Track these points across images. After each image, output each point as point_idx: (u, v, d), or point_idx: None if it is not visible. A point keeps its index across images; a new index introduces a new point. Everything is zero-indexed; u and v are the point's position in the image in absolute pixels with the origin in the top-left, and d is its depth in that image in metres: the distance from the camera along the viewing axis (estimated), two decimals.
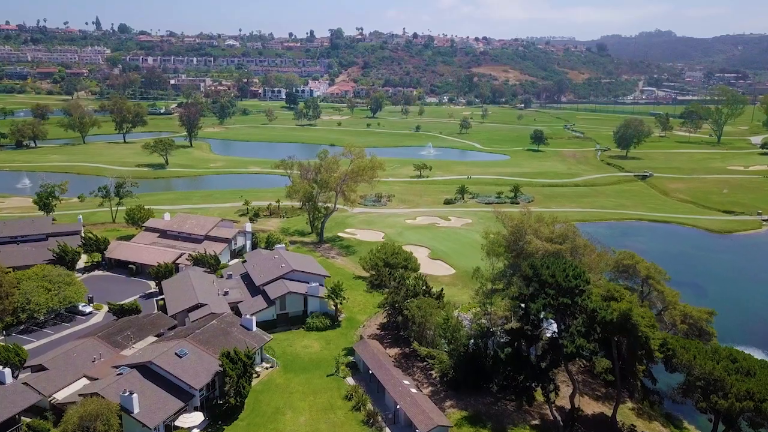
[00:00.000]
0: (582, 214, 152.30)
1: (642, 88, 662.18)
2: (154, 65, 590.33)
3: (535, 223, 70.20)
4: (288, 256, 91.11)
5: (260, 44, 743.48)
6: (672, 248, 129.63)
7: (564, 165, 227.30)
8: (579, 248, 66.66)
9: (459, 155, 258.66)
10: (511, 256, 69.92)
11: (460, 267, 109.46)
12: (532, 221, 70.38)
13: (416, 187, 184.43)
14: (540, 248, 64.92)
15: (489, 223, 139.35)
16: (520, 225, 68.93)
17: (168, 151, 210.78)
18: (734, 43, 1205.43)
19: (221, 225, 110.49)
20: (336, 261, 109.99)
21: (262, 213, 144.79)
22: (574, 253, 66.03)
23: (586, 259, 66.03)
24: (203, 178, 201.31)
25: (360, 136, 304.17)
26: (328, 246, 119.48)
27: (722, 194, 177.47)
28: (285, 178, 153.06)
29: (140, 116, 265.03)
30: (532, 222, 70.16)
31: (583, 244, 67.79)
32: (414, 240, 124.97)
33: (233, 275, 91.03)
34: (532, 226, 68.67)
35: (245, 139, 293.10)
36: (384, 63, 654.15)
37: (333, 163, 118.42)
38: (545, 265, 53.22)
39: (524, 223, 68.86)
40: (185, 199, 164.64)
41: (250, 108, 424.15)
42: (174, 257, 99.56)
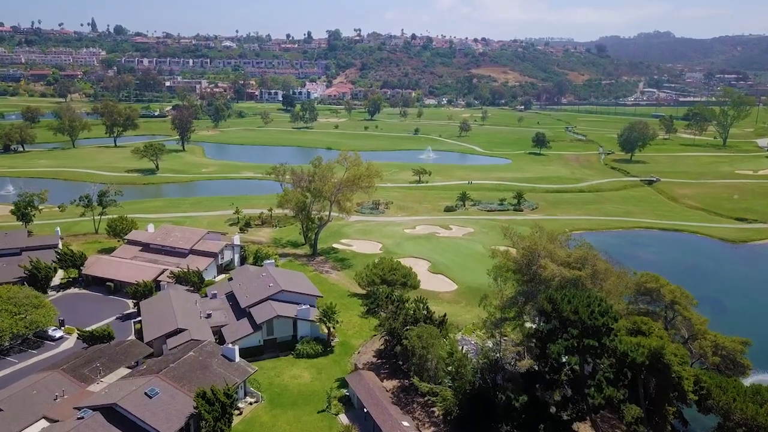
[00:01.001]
0: (589, 222, 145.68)
1: (642, 90, 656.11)
2: (149, 67, 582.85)
3: (549, 244, 63.02)
4: (277, 273, 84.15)
5: (257, 46, 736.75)
6: (685, 259, 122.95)
7: (567, 169, 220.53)
8: (600, 273, 59.75)
9: (459, 159, 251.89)
10: (523, 280, 62.97)
11: (463, 282, 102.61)
12: (545, 241, 63.22)
13: (415, 193, 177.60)
14: (556, 274, 58.05)
15: (492, 234, 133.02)
16: (532, 247, 61.86)
17: (158, 156, 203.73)
18: (733, 44, 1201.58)
19: (207, 238, 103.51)
20: (330, 276, 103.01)
21: (254, 222, 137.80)
22: (594, 279, 59.17)
23: (607, 285, 59.19)
24: (194, 184, 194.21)
25: (357, 139, 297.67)
26: (322, 259, 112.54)
27: (733, 200, 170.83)
28: (279, 183, 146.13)
29: (131, 119, 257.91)
30: (545, 243, 63.00)
31: (605, 269, 60.84)
32: (413, 252, 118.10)
33: (218, 294, 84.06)
34: (546, 248, 61.61)
35: (240, 142, 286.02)
36: (382, 64, 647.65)
37: (327, 170, 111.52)
38: (566, 298, 46.41)
39: (537, 244, 61.77)
40: (174, 206, 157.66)
41: (246, 110, 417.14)
42: (155, 274, 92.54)
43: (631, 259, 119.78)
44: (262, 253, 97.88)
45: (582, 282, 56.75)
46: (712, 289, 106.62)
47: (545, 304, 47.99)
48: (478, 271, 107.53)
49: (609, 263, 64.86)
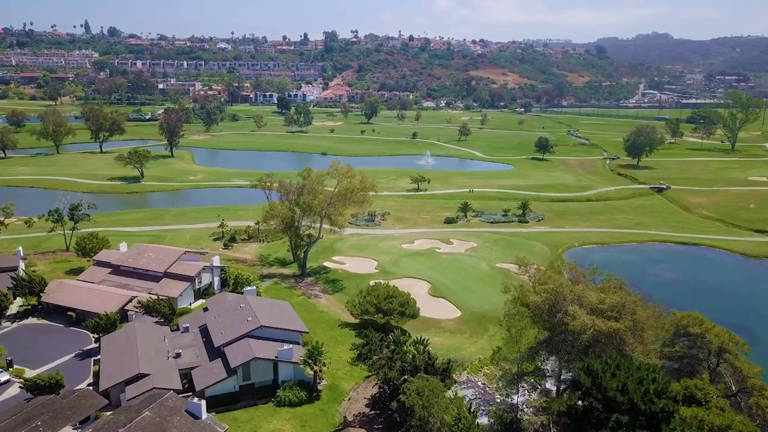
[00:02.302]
0: (599, 236, 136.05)
1: (643, 92, 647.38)
2: (142, 69, 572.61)
3: (577, 286, 52.96)
4: (257, 304, 74.21)
5: (253, 47, 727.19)
6: (706, 277, 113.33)
7: (572, 176, 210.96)
8: (641, 322, 49.98)
9: (458, 165, 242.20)
10: (544, 327, 53.19)
11: (467, 307, 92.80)
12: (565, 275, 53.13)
13: (414, 203, 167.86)
14: (587, 325, 48.24)
15: (497, 249, 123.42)
16: (557, 290, 51.96)
17: (143, 163, 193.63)
18: (732, 45, 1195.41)
19: (184, 258, 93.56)
20: (319, 302, 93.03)
21: (240, 236, 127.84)
22: (635, 331, 49.43)
23: (647, 335, 49.55)
24: (181, 193, 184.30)
25: (353, 144, 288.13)
26: (312, 280, 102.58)
27: (750, 210, 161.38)
28: (266, 195, 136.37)
29: (117, 124, 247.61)
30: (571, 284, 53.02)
31: (646, 317, 51.11)
32: (412, 270, 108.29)
33: (191, 327, 74.15)
34: (574, 291, 51.72)
35: (231, 147, 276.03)
36: (379, 66, 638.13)
37: (317, 183, 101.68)
38: (609, 369, 36.97)
39: (563, 286, 51.83)
40: (157, 218, 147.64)
41: (240, 113, 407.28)
42: (122, 302, 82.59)
43: (649, 279, 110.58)
44: (242, 279, 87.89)
45: (620, 336, 47.26)
46: (739, 312, 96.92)
47: (582, 376, 38.53)
48: (483, 294, 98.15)
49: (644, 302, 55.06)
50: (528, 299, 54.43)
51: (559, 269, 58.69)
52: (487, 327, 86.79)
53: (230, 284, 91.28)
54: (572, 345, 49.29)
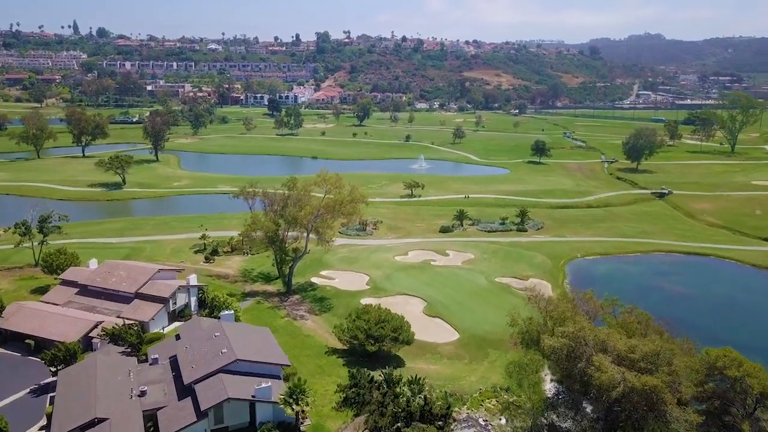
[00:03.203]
0: (603, 246, 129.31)
1: (638, 92, 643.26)
2: (131, 70, 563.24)
3: (602, 332, 45.27)
4: (234, 333, 66.77)
5: (244, 48, 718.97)
6: (718, 291, 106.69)
7: (571, 180, 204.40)
8: (679, 372, 42.80)
9: (453, 169, 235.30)
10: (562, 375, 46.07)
11: (466, 329, 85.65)
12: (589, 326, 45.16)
13: (407, 210, 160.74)
14: (616, 380, 41.05)
15: (495, 262, 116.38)
16: (577, 334, 44.68)
17: (125, 169, 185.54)
18: (725, 45, 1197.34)
19: (158, 277, 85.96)
20: (305, 324, 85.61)
21: (222, 249, 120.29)
22: (673, 386, 42.31)
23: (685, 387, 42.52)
24: (164, 200, 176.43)
25: (345, 147, 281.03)
26: (298, 299, 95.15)
27: (756, 216, 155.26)
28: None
29: (100, 127, 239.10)
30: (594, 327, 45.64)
31: (685, 366, 44.09)
32: (405, 286, 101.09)
33: (160, 359, 66.71)
34: (597, 336, 44.45)
35: (219, 151, 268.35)
36: (372, 67, 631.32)
37: (303, 194, 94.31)
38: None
39: (585, 330, 44.47)
40: (136, 228, 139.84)
41: (230, 115, 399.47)
42: (87, 328, 74.98)
43: (656, 293, 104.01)
44: (219, 302, 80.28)
45: (657, 394, 40.27)
46: (758, 332, 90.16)
47: None
48: (481, 313, 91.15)
49: (671, 336, 48.16)
50: (543, 342, 47.25)
51: (572, 300, 51.53)
52: (487, 351, 79.78)
53: (208, 304, 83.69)
54: (596, 399, 42.25)
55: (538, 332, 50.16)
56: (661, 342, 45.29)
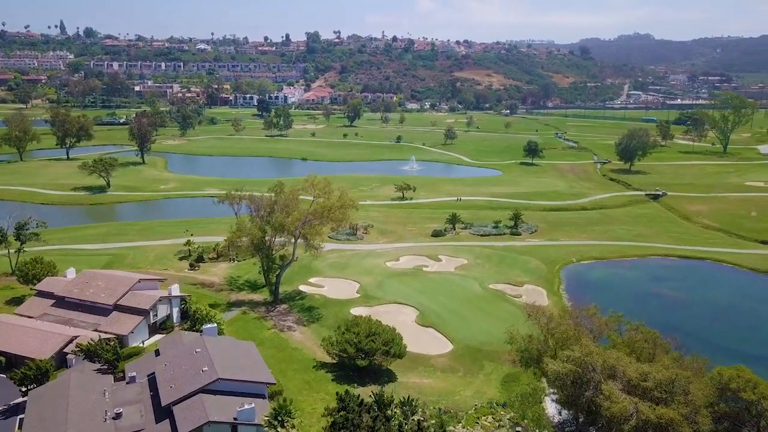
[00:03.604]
0: (598, 250, 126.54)
1: (628, 92, 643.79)
2: (119, 71, 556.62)
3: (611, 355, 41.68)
4: (216, 348, 63.15)
5: (233, 48, 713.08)
6: (717, 297, 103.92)
7: (564, 182, 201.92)
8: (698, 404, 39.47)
9: (445, 170, 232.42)
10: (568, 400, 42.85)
11: (460, 339, 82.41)
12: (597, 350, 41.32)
13: (398, 213, 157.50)
14: (629, 411, 37.79)
15: (489, 267, 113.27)
16: (584, 360, 41.34)
17: (109, 172, 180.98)
18: (713, 45, 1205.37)
19: (138, 288, 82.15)
20: (293, 336, 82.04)
21: (208, 255, 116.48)
22: (690, 417, 39.07)
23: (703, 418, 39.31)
24: (149, 203, 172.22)
25: (335, 148, 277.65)
26: (285, 308, 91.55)
27: (752, 218, 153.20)
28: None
29: (85, 129, 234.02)
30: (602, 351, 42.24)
31: (703, 395, 40.95)
32: (397, 294, 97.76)
33: (137, 377, 62.97)
34: (606, 362, 41.04)
35: (207, 153, 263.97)
36: (362, 67, 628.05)
37: (291, 199, 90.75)
38: None
39: (593, 355, 41.00)
40: (119, 234, 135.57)
41: (219, 116, 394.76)
42: (61, 343, 71.12)
43: (655, 299, 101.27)
44: (201, 314, 76.48)
45: (675, 427, 37.12)
46: (760, 340, 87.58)
47: None
48: (476, 322, 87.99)
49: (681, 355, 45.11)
50: (546, 367, 44.02)
51: (575, 317, 48.32)
52: (482, 364, 76.57)
53: (190, 317, 79.93)
54: (606, 431, 39.02)
55: (538, 351, 47.04)
56: (675, 368, 42.12)
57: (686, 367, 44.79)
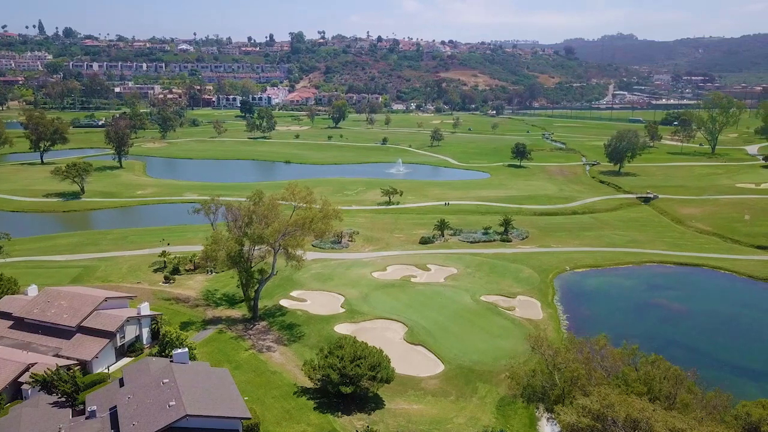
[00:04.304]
0: (592, 257, 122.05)
1: (614, 93, 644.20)
2: (98, 72, 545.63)
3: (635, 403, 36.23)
4: (186, 379, 57.34)
5: (216, 49, 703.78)
6: (718, 308, 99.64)
7: (553, 185, 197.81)
8: None
9: (432, 173, 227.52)
10: None
11: (451, 358, 77.22)
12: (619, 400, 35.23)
13: (385, 219, 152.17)
14: None
15: (480, 277, 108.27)
16: (603, 412, 35.93)
17: (84, 177, 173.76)
18: (695, 46, 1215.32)
19: (105, 306, 76.04)
20: (272, 357, 76.29)
21: (184, 266, 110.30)
22: None
23: None
24: (125, 210, 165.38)
25: (320, 151, 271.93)
26: (264, 326, 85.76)
27: (746, 222, 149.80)
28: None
29: (60, 132, 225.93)
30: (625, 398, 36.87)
31: None
32: (384, 308, 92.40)
33: (98, 410, 56.95)
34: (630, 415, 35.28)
35: (188, 156, 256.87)
36: (347, 68, 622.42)
37: (270, 209, 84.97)
38: None
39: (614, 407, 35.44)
40: (92, 243, 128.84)
41: (201, 118, 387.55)
42: (16, 372, 64.80)
43: (654, 311, 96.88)
44: (171, 337, 70.34)
45: None
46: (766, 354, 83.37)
47: None
48: (468, 339, 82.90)
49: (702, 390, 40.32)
50: (558, 418, 38.84)
51: (584, 350, 43.22)
52: (476, 386, 71.49)
53: (160, 340, 73.80)
54: None
55: (543, 388, 42.03)
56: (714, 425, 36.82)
57: (707, 404, 39.93)
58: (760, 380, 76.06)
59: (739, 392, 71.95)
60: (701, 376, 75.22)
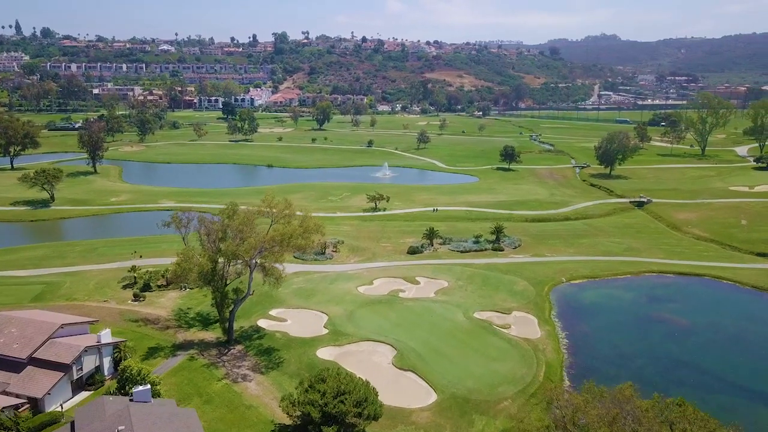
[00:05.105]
0: (588, 267, 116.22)
1: (599, 93, 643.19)
2: (77, 73, 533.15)
3: None
4: (146, 423, 50.16)
5: (198, 49, 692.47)
6: (724, 322, 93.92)
7: (544, 189, 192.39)
8: None
9: (419, 177, 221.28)
10: None
11: (445, 387, 70.60)
12: None
13: (371, 227, 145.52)
14: None
15: (472, 290, 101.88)
16: None
17: (53, 184, 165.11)
18: (678, 46, 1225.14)
19: (61, 334, 68.55)
20: (248, 388, 69.15)
21: (156, 282, 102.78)
22: None
23: None
24: (98, 219, 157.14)
25: (303, 154, 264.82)
26: (240, 351, 78.57)
27: (744, 228, 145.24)
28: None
29: (30, 136, 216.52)
30: None
31: None
32: (371, 328, 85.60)
33: None
34: None
35: (167, 160, 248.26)
36: (332, 68, 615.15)
37: (245, 223, 77.82)
38: None
39: None
40: (58, 256, 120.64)
41: (182, 120, 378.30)
42: None
43: (658, 327, 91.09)
44: (131, 373, 62.75)
45: None
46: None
47: None
48: (462, 363, 76.43)
49: None
50: None
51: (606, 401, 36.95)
52: (472, 418, 65.05)
53: (119, 374, 66.06)
54: None
55: None
56: None
57: None
58: None
59: (753, 420, 66.60)
60: (713, 402, 70.67)
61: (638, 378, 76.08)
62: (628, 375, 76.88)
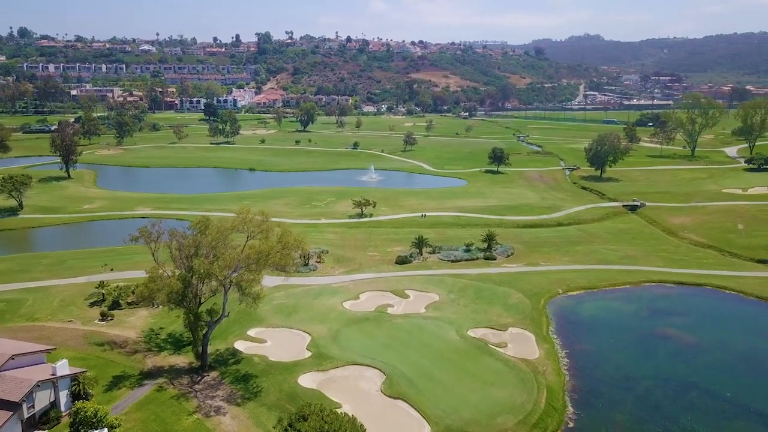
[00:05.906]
0: (585, 277, 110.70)
1: (585, 93, 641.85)
2: (54, 73, 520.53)
3: None
4: None
5: (180, 50, 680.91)
6: (733, 337, 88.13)
7: (535, 192, 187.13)
8: None
9: (406, 180, 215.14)
10: None
11: (439, 417, 64.40)
12: None
13: (357, 235, 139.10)
14: None
15: (464, 303, 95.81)
16: None
17: (21, 191, 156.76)
18: (660, 46, 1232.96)
19: (10, 367, 61.29)
20: (222, 425, 62.24)
21: (126, 299, 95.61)
22: None
23: None
24: (68, 228, 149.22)
25: (287, 157, 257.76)
26: (215, 378, 71.74)
27: (741, 233, 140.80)
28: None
29: (1, 140, 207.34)
30: None
31: None
32: (357, 351, 79.16)
33: None
34: None
35: (145, 164, 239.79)
36: (316, 69, 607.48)
37: (219, 239, 71.10)
38: None
39: None
40: (23, 270, 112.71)
41: (163, 122, 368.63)
42: None
43: (663, 345, 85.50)
44: (86, 415, 55.37)
45: None
46: None
47: None
48: (457, 388, 70.31)
49: None
50: None
51: None
52: None
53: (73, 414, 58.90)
54: None
55: None
56: None
57: None
58: None
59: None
60: (726, 430, 65.26)
61: (645, 402, 71.06)
62: (634, 399, 71.75)
